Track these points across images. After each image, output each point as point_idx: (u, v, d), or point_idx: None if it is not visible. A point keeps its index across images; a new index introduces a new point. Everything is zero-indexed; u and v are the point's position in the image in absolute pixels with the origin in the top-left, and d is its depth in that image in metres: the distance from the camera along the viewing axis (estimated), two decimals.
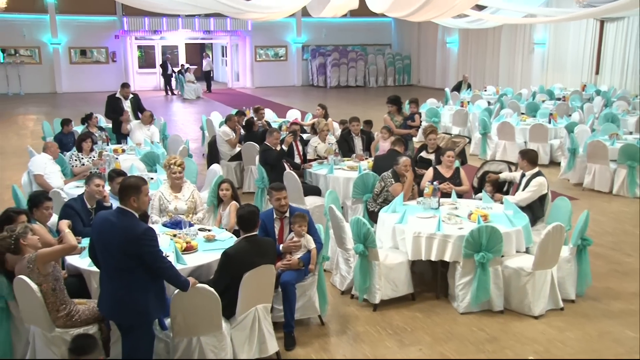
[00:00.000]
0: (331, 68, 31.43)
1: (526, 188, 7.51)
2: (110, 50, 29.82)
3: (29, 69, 28.80)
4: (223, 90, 31.29)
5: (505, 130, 13.40)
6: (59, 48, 28.86)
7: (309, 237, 5.92)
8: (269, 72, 32.25)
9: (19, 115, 21.69)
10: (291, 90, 30.41)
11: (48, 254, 4.75)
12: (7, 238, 4.79)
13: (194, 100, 26.62)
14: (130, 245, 4.31)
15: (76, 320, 4.86)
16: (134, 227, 4.36)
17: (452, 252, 6.35)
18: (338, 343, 5.81)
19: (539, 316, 6.20)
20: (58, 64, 28.91)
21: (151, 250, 4.37)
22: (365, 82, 32.35)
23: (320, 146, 10.26)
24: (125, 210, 4.44)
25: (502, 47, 26.45)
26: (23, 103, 25.14)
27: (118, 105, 12.11)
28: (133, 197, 4.44)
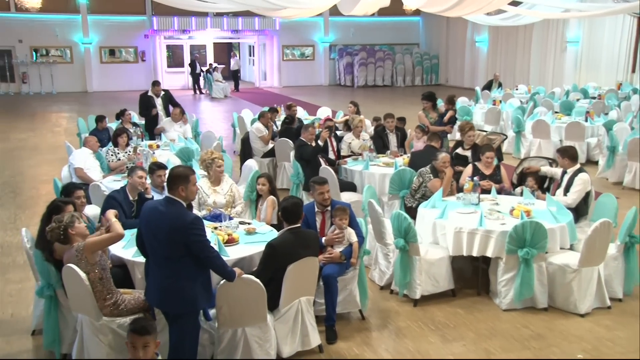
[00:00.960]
0: (358, 67, 31.34)
1: (570, 186, 7.37)
2: (139, 49, 30.08)
3: (61, 69, 29.16)
4: (250, 89, 31.37)
5: (540, 129, 13.21)
6: (90, 47, 29.18)
7: (351, 231, 5.87)
8: (296, 72, 32.26)
9: (52, 114, 21.95)
10: (318, 90, 30.38)
11: (96, 243, 4.76)
12: (56, 229, 4.81)
13: (222, 99, 26.73)
14: (179, 233, 4.30)
15: (122, 309, 4.86)
16: (182, 216, 4.35)
17: (495, 248, 6.25)
18: (380, 338, 5.75)
19: (585, 314, 6.07)
20: (89, 63, 29.24)
21: (199, 239, 4.35)
22: (392, 82, 32.19)
23: (354, 143, 10.20)
24: (173, 199, 4.43)
25: (533, 45, 26.11)
26: (55, 102, 25.47)
27: (150, 103, 12.24)
28: (181, 186, 4.43)
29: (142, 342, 3.71)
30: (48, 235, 4.88)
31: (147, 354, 3.72)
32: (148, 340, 3.72)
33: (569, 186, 7.40)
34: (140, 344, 3.70)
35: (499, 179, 7.91)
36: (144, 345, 3.71)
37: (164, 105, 12.26)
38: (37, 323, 5.58)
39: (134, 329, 3.75)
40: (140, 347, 3.70)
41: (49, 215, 5.18)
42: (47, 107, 23.55)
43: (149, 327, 3.77)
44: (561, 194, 7.45)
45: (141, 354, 3.70)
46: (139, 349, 3.69)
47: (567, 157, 7.54)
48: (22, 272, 7.15)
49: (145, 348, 3.71)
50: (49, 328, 5.11)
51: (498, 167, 8.03)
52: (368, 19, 30.93)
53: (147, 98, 12.38)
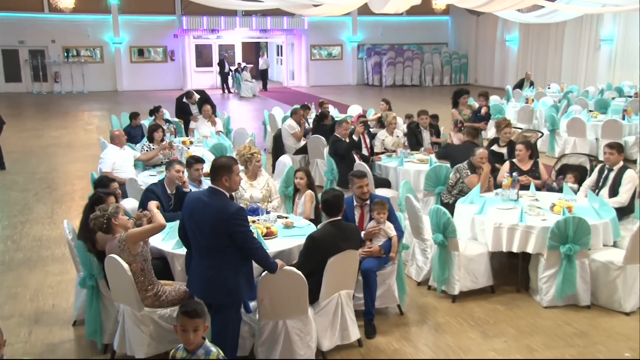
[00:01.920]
0: (387, 67, 31.21)
1: (616, 184, 7.22)
2: (168, 49, 30.30)
3: (92, 68, 29.51)
4: (279, 88, 31.43)
5: (576, 127, 13.00)
6: (121, 47, 29.48)
7: (390, 225, 5.81)
8: (323, 71, 32.23)
9: (84, 112, 22.20)
10: (346, 89, 30.30)
11: (138, 233, 4.77)
12: (100, 217, 4.84)
13: (251, 98, 26.80)
14: (222, 224, 4.28)
15: (163, 300, 4.87)
16: (226, 206, 4.34)
17: (536, 244, 6.15)
18: (419, 333, 5.69)
19: (631, 313, 5.95)
20: (119, 63, 29.54)
21: (243, 230, 4.34)
22: (420, 81, 32.01)
23: (388, 139, 10.13)
24: (217, 190, 4.42)
25: (565, 44, 25.74)
26: (87, 101, 25.76)
27: (187, 109, 12.41)
28: (225, 176, 4.41)
29: (192, 324, 3.70)
30: (91, 224, 4.91)
31: (197, 337, 3.71)
32: (198, 323, 3.71)
33: (615, 184, 7.25)
34: (191, 326, 3.69)
35: (537, 175, 7.79)
36: (195, 329, 3.69)
37: (199, 108, 12.34)
38: (79, 314, 5.63)
39: (185, 311, 3.74)
40: (191, 330, 3.68)
41: (92, 206, 5.21)
42: (78, 106, 23.83)
43: (199, 310, 3.76)
44: (606, 193, 7.31)
45: (192, 337, 3.68)
46: (190, 332, 3.68)
47: (621, 152, 7.43)
48: (61, 264, 7.23)
49: (196, 331, 3.70)
50: (91, 318, 5.13)
51: (536, 164, 7.91)
52: (396, 18, 30.79)
53: (184, 105, 12.59)
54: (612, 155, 7.35)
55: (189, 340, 3.70)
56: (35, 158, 13.59)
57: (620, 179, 7.22)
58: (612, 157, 7.35)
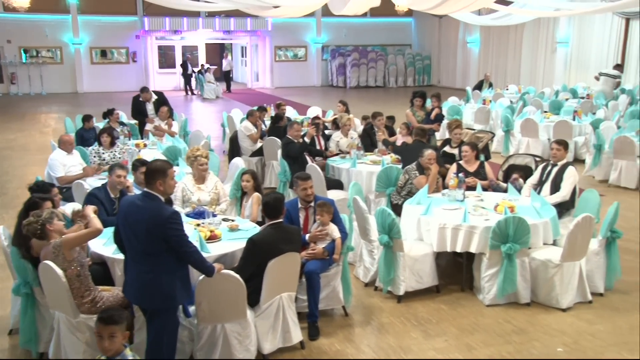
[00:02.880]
0: (351, 68, 31.34)
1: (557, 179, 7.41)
2: (130, 50, 29.98)
3: (51, 69, 29.03)
4: (243, 90, 31.34)
5: (529, 127, 13.25)
6: (81, 48, 29.08)
7: (334, 227, 5.86)
8: (288, 72, 32.24)
9: (42, 114, 21.86)
10: (311, 90, 30.36)
11: (74, 239, 4.73)
12: (34, 223, 4.78)
13: (214, 100, 26.68)
14: (157, 228, 4.28)
15: (100, 306, 4.83)
16: (160, 210, 4.33)
17: (478, 244, 6.26)
18: (362, 334, 5.75)
19: (567, 309, 6.10)
20: (79, 64, 29.13)
21: (177, 234, 4.33)
22: (385, 83, 32.20)
23: (342, 141, 10.19)
24: (151, 194, 4.41)
25: (524, 46, 26.17)
26: (45, 102, 25.35)
27: (142, 107, 12.21)
28: (159, 180, 4.41)
29: (107, 331, 3.66)
30: (24, 230, 4.84)
31: (113, 344, 3.67)
32: (114, 330, 3.67)
33: (557, 179, 7.43)
34: (106, 333, 3.66)
35: (484, 176, 7.92)
36: (110, 335, 3.66)
37: (155, 110, 12.16)
38: (15, 322, 5.52)
39: (100, 318, 3.72)
40: (107, 337, 3.65)
41: (26, 212, 5.15)
42: (36, 108, 23.43)
43: (116, 316, 3.73)
44: (548, 188, 7.48)
45: (107, 343, 3.65)
46: (105, 339, 3.65)
47: (567, 149, 7.66)
48: (2, 271, 7.10)
49: (112, 338, 3.66)
50: (26, 326, 5.06)
51: (482, 164, 8.04)
52: (360, 19, 30.99)
53: (139, 103, 12.37)
54: (559, 152, 7.56)
55: (104, 347, 3.68)
56: None
57: (562, 175, 7.40)
58: (559, 153, 7.56)
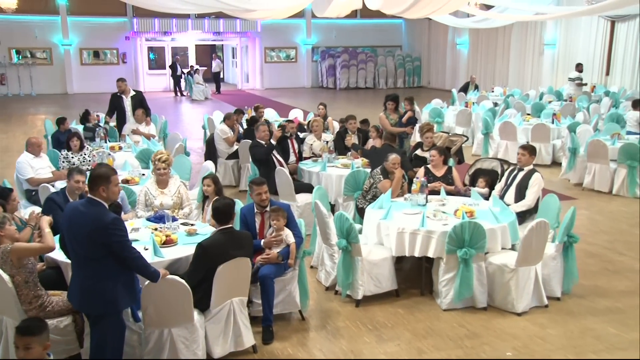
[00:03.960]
0: (341, 69, 31.39)
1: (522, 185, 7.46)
2: (120, 51, 30.02)
3: (41, 70, 29.06)
4: (233, 91, 31.38)
5: (508, 130, 13.31)
6: (70, 49, 29.10)
7: (288, 232, 5.90)
8: (278, 74, 32.30)
9: (29, 115, 21.88)
10: (300, 92, 30.42)
11: (24, 250, 4.76)
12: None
13: (203, 101, 26.71)
14: (98, 234, 4.31)
15: (49, 311, 4.88)
16: (102, 216, 4.36)
17: (436, 248, 6.30)
18: (316, 338, 5.79)
19: (522, 313, 6.13)
20: (69, 65, 29.16)
21: (119, 240, 4.36)
22: (374, 84, 32.26)
23: (315, 144, 10.24)
24: (94, 200, 4.44)
25: (512, 48, 26.25)
26: (34, 104, 25.38)
27: (119, 103, 12.12)
28: (102, 186, 4.44)
29: (23, 342, 3.65)
30: None
31: (28, 355, 3.65)
32: (30, 341, 3.64)
33: (522, 184, 7.48)
34: (21, 344, 3.64)
35: (450, 181, 7.97)
36: (26, 347, 3.65)
37: (132, 106, 12.08)
38: None
39: (17, 328, 3.73)
40: (22, 348, 3.66)
41: None
42: (25, 109, 23.45)
43: (33, 327, 3.74)
44: (512, 193, 7.54)
45: (22, 354, 3.66)
46: (21, 349, 3.66)
47: (534, 154, 7.69)
48: None
49: (28, 349, 3.65)
50: None
51: (450, 169, 8.09)
52: (350, 21, 31.04)
53: (116, 98, 12.27)
54: (524, 157, 7.60)
55: (20, 357, 3.69)
56: None
57: (528, 181, 7.45)
58: (524, 158, 7.60)
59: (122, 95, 12.10)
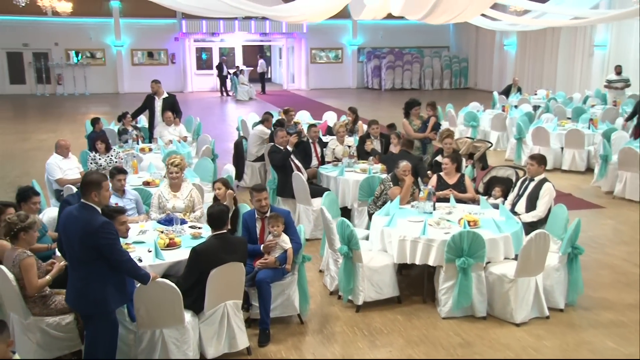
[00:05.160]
0: (386, 70, 31.38)
1: (533, 194, 7.42)
2: (169, 52, 30.80)
3: (94, 70, 30.13)
4: (278, 91, 31.74)
5: (540, 136, 13.12)
6: (122, 50, 30.04)
7: (286, 237, 6.05)
8: (324, 74, 32.52)
9: (79, 115, 22.66)
10: (345, 93, 30.53)
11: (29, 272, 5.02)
12: (12, 224, 5.15)
13: (247, 101, 27.14)
14: (89, 237, 4.56)
15: (52, 309, 5.17)
16: (92, 220, 4.61)
17: (436, 257, 6.35)
18: (311, 342, 5.92)
19: (521, 324, 6.12)
20: (121, 65, 30.10)
21: (108, 243, 4.60)
22: (420, 85, 32.13)
23: (338, 148, 10.35)
24: (86, 204, 4.70)
25: (560, 49, 25.68)
26: (86, 103, 26.30)
27: (150, 104, 12.46)
28: (94, 192, 4.69)
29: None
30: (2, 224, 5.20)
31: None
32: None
33: (533, 195, 7.43)
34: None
35: (462, 189, 7.96)
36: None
37: (162, 108, 12.41)
38: None
39: None
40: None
41: None
42: (76, 109, 24.33)
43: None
44: (523, 203, 7.51)
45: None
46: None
47: (543, 164, 7.62)
48: None
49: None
50: None
51: (462, 177, 8.08)
52: (397, 22, 30.73)
53: (148, 99, 12.60)
54: (533, 167, 7.56)
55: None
56: (13, 162, 14.04)
57: (539, 192, 7.40)
58: (532, 168, 7.56)
59: (155, 96, 12.42)
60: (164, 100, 12.40)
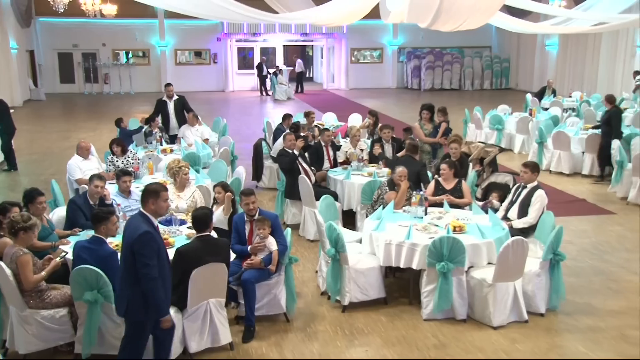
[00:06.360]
0: (425, 71, 31.38)
1: (525, 201, 7.55)
2: (212, 52, 31.53)
3: (139, 70, 31.16)
4: (316, 91, 32.11)
5: (561, 140, 13.08)
6: (166, 50, 30.91)
7: (272, 240, 6.37)
8: (364, 74, 32.75)
9: (120, 114, 23.22)
10: (385, 93, 30.68)
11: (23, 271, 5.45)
12: (16, 222, 5.59)
13: (284, 101, 27.57)
14: (133, 243, 4.82)
15: (47, 302, 5.61)
16: (139, 227, 4.86)
17: (419, 261, 6.57)
18: (293, 339, 6.21)
19: (499, 327, 6.29)
20: (164, 65, 30.98)
21: (140, 252, 4.79)
22: (460, 85, 32.02)
23: (350, 151, 10.61)
24: (142, 212, 5.01)
25: (602, 49, 25.22)
26: (130, 102, 27.21)
27: (162, 107, 13.05)
28: (152, 200, 4.98)
29: None
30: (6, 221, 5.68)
31: None
32: None
33: (526, 202, 7.57)
34: None
35: (459, 195, 8.13)
36: None
37: (175, 109, 12.96)
38: None
39: None
40: None
41: None
42: (119, 107, 25.15)
43: None
44: (516, 210, 7.64)
45: None
46: None
47: (536, 172, 7.73)
48: None
49: None
50: None
51: (460, 182, 8.25)
52: None
53: (161, 103, 13.21)
54: (526, 174, 7.68)
55: None
56: (50, 160, 14.77)
57: (530, 198, 7.52)
58: (526, 175, 7.68)
59: (167, 99, 13.00)
60: (175, 102, 12.99)
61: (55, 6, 17.73)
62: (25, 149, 16.16)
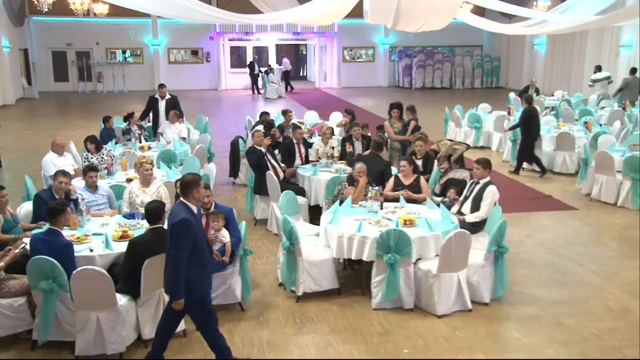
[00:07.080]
0: (416, 69, 31.65)
1: (478, 196, 7.84)
2: (205, 50, 31.83)
3: (133, 68, 31.46)
4: (307, 90, 32.40)
5: None
6: (159, 49, 31.19)
7: (225, 232, 6.67)
8: (355, 73, 33.05)
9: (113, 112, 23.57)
10: (376, 91, 30.96)
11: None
12: None
13: (275, 99, 27.87)
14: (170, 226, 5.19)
15: (5, 292, 5.90)
16: (178, 214, 5.20)
17: (369, 252, 6.85)
18: (245, 327, 6.50)
19: (442, 315, 6.59)
20: (157, 64, 31.28)
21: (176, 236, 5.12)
22: (451, 84, 32.31)
23: (322, 149, 10.89)
24: (182, 202, 5.32)
25: (588, 49, 25.51)
26: (123, 100, 27.48)
27: (154, 104, 13.38)
28: (194, 190, 5.30)
29: None
30: None
31: None
32: None
33: (478, 197, 7.85)
34: None
35: (417, 190, 8.42)
36: None
37: (166, 108, 13.30)
38: None
39: None
40: None
41: None
42: (112, 106, 25.39)
43: None
44: (469, 204, 7.93)
45: None
46: None
47: (488, 168, 8.01)
48: None
49: None
50: None
51: (418, 178, 8.53)
52: None
53: (152, 101, 13.55)
54: (479, 170, 7.96)
55: None
56: (35, 157, 15.00)
57: (483, 193, 7.81)
58: (478, 171, 7.96)
59: (158, 98, 13.33)
60: (167, 100, 13.30)
61: (39, 6, 17.95)
62: (13, 146, 16.50)
